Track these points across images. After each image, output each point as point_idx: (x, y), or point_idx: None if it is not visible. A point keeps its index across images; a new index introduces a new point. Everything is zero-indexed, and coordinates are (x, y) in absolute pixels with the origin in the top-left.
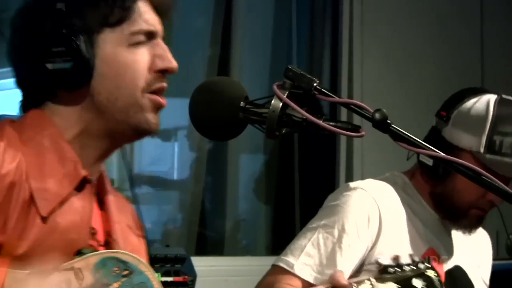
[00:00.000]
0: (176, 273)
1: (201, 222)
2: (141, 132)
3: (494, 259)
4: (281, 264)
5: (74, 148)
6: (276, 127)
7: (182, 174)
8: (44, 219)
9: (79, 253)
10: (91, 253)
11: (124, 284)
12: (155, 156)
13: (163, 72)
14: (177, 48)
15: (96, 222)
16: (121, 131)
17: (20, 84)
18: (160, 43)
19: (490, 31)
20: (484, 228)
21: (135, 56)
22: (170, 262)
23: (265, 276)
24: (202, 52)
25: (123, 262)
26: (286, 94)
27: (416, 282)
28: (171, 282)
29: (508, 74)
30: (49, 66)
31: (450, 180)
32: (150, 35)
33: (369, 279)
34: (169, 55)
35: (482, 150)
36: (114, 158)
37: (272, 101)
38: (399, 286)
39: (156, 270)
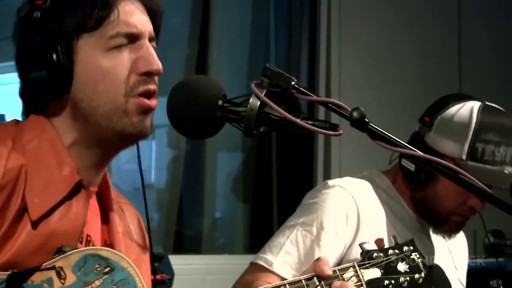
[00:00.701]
0: (153, 272)
1: (179, 220)
2: (128, 137)
3: (472, 257)
4: (260, 262)
5: (70, 154)
6: (254, 125)
7: (160, 172)
8: (34, 224)
9: (60, 251)
10: (72, 251)
11: (105, 281)
12: (132, 155)
13: (148, 75)
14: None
15: (95, 231)
16: (107, 138)
17: (19, 94)
18: (144, 45)
19: (468, 30)
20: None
21: (114, 60)
22: None
23: (243, 274)
24: (179, 51)
25: (104, 259)
26: (264, 93)
27: (401, 265)
28: None
29: (486, 72)
30: (30, 75)
31: (431, 186)
32: (131, 37)
33: (353, 266)
34: (153, 56)
35: (464, 157)
36: None
37: (250, 100)
38: (383, 271)
39: None
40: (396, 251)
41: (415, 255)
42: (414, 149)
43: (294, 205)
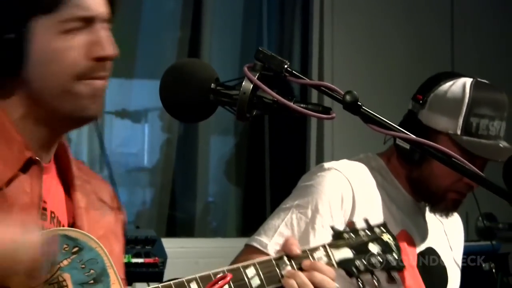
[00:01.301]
0: (146, 255)
1: (172, 204)
2: (77, 119)
3: (465, 240)
4: (255, 244)
5: (18, 130)
6: (246, 109)
7: (153, 156)
8: None
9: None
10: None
11: (74, 261)
12: (125, 138)
13: (101, 60)
14: (148, 30)
15: (59, 206)
16: (57, 119)
17: None
18: (99, 29)
19: (460, 11)
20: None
21: (68, 43)
22: (141, 243)
23: (238, 256)
24: (172, 34)
25: (72, 239)
26: (256, 76)
27: (372, 246)
28: (141, 263)
29: (478, 53)
30: None
31: (427, 164)
32: (87, 21)
33: (324, 246)
34: (107, 41)
35: (459, 132)
36: (84, 139)
37: (243, 83)
38: (355, 251)
39: (127, 252)
40: (368, 232)
41: (388, 237)
42: (407, 132)
43: (287, 188)
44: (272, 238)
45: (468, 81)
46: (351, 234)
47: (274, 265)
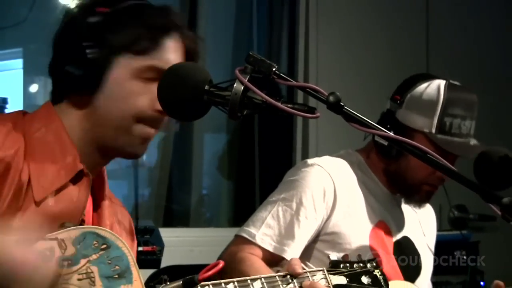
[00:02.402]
0: (145, 243)
1: (168, 196)
2: (125, 154)
3: (438, 229)
4: (244, 235)
5: (75, 145)
6: (238, 108)
7: (151, 152)
8: (37, 203)
9: (62, 226)
10: (73, 227)
11: (102, 256)
12: None
13: (162, 114)
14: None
15: (88, 215)
16: (108, 147)
17: (50, 74)
18: None
19: (435, 19)
20: (429, 202)
21: (140, 89)
22: (140, 233)
23: (228, 246)
24: None
25: (102, 237)
26: (247, 78)
27: (364, 279)
28: (140, 251)
29: (452, 58)
30: (67, 68)
31: (403, 159)
32: (162, 73)
33: (322, 270)
34: None
35: (434, 130)
36: None
37: (234, 85)
38: (348, 279)
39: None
40: (361, 265)
41: (377, 272)
42: (386, 130)
43: (275, 182)
44: (260, 229)
45: (442, 83)
46: (347, 264)
47: (279, 281)
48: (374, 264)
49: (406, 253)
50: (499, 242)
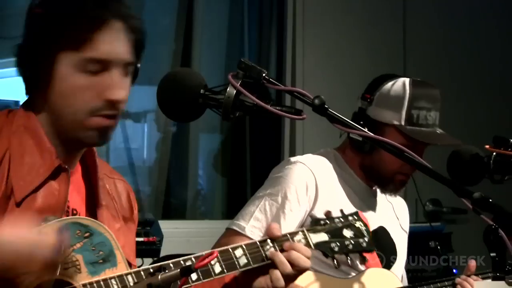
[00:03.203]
0: (146, 234)
1: (167, 191)
2: (86, 144)
3: (414, 222)
4: (234, 227)
5: (49, 140)
6: (230, 110)
7: (151, 150)
8: (18, 204)
9: (45, 220)
10: (55, 220)
11: (86, 244)
12: (128, 135)
13: (111, 102)
14: (146, 43)
15: (80, 205)
16: (72, 139)
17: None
18: (114, 74)
19: (412, 26)
20: (406, 197)
21: (86, 83)
22: (141, 225)
23: (220, 238)
24: (167, 47)
25: (84, 226)
26: (239, 83)
27: (346, 232)
28: (141, 241)
29: (428, 62)
30: (17, 69)
31: (376, 152)
32: (105, 64)
33: (302, 230)
34: (118, 86)
35: (403, 123)
36: None
37: (227, 89)
38: (330, 235)
39: None
40: (342, 219)
41: (359, 223)
42: (366, 130)
43: (265, 178)
44: (249, 222)
45: (406, 80)
46: (327, 221)
47: (259, 246)
48: (356, 217)
49: (382, 241)
50: (470, 233)
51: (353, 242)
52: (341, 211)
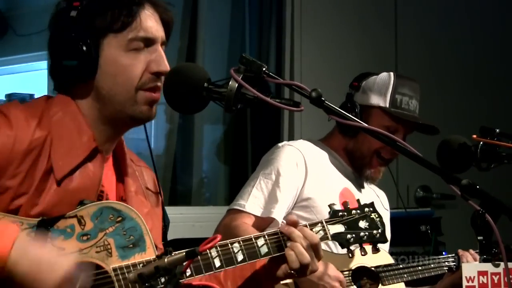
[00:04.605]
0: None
1: (173, 179)
2: (137, 120)
3: (405, 207)
4: (235, 207)
5: (89, 125)
6: (233, 103)
7: (158, 141)
8: (58, 183)
9: (81, 203)
10: (90, 204)
11: (118, 228)
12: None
13: (157, 74)
14: None
15: (111, 189)
16: (121, 119)
17: (50, 74)
18: (157, 49)
19: (402, 27)
20: (397, 182)
21: (133, 61)
22: None
23: (223, 219)
24: (173, 44)
25: (117, 211)
26: (240, 77)
27: (362, 223)
28: None
29: (417, 62)
30: (64, 62)
31: (360, 134)
32: (148, 42)
33: (321, 222)
34: (163, 60)
35: (387, 105)
36: None
37: (230, 83)
38: (346, 226)
39: None
40: (359, 211)
41: (374, 215)
42: (360, 122)
43: None
44: (248, 200)
45: (391, 72)
46: (345, 213)
47: (280, 236)
48: (371, 208)
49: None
50: (458, 217)
51: (367, 234)
52: (358, 201)
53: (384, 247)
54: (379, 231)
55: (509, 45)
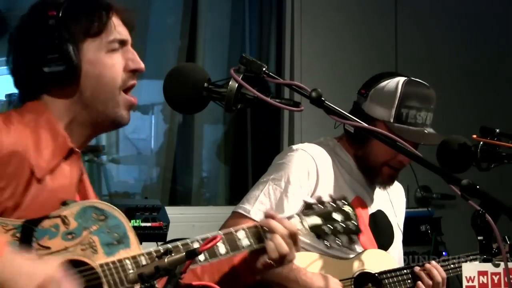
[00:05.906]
0: (153, 220)
1: (173, 178)
2: (116, 124)
3: (406, 207)
4: (240, 211)
5: (64, 128)
6: (233, 103)
7: (158, 140)
8: (39, 181)
9: (64, 204)
10: (74, 203)
11: (101, 226)
12: (136, 126)
13: (134, 72)
14: (153, 40)
15: (89, 188)
16: (99, 123)
17: (17, 84)
18: (130, 49)
19: (402, 25)
20: (396, 183)
21: (113, 60)
22: (148, 211)
23: (227, 220)
24: (173, 43)
25: (100, 210)
26: (241, 77)
27: (336, 215)
28: (149, 227)
29: (418, 61)
30: (46, 69)
31: (368, 144)
32: (122, 43)
33: (298, 214)
34: (138, 58)
35: (392, 120)
36: None
37: (230, 83)
38: (322, 219)
39: (137, 217)
40: (332, 204)
41: (347, 208)
42: (358, 120)
43: (265, 166)
44: (254, 205)
45: (402, 79)
46: (319, 205)
47: (260, 228)
48: (344, 201)
49: (380, 224)
50: (458, 217)
51: (343, 225)
52: (330, 195)
53: (396, 248)
54: (353, 222)
55: (509, 45)
